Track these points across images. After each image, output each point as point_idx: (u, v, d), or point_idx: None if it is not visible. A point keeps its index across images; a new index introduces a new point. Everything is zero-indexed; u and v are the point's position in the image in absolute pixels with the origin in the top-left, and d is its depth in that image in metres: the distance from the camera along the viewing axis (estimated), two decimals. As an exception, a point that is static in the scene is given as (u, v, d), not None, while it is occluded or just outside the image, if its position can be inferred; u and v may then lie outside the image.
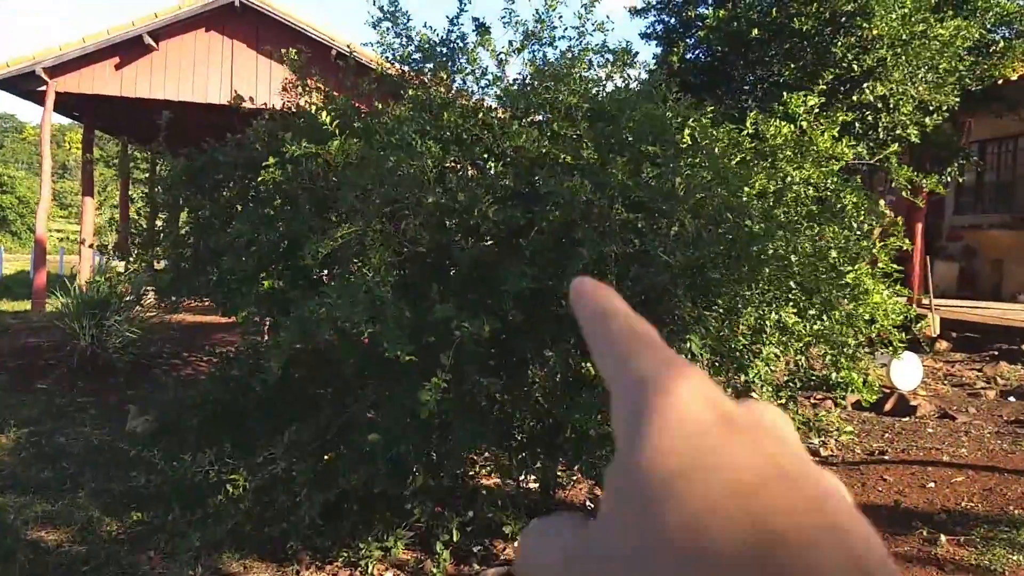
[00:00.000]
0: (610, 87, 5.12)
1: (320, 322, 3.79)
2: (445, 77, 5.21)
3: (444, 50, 5.26)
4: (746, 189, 4.41)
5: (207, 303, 6.30)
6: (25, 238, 49.74)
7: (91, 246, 8.11)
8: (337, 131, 4.59)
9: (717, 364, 4.21)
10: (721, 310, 4.26)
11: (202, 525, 4.76)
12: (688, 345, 3.77)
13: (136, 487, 5.41)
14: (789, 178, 4.91)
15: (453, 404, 4.04)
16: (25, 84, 14.44)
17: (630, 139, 4.34)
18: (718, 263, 3.88)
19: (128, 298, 9.11)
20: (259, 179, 4.64)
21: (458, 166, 4.93)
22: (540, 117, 5.05)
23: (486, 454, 5.13)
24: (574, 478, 5.70)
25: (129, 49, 14.33)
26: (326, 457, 4.48)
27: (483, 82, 5.01)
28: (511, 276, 3.81)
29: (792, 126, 5.11)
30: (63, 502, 5.25)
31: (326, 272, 5.41)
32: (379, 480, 4.24)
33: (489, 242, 4.19)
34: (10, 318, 15.86)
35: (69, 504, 5.22)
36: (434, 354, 3.75)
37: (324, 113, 4.67)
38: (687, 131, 4.65)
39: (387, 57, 5.58)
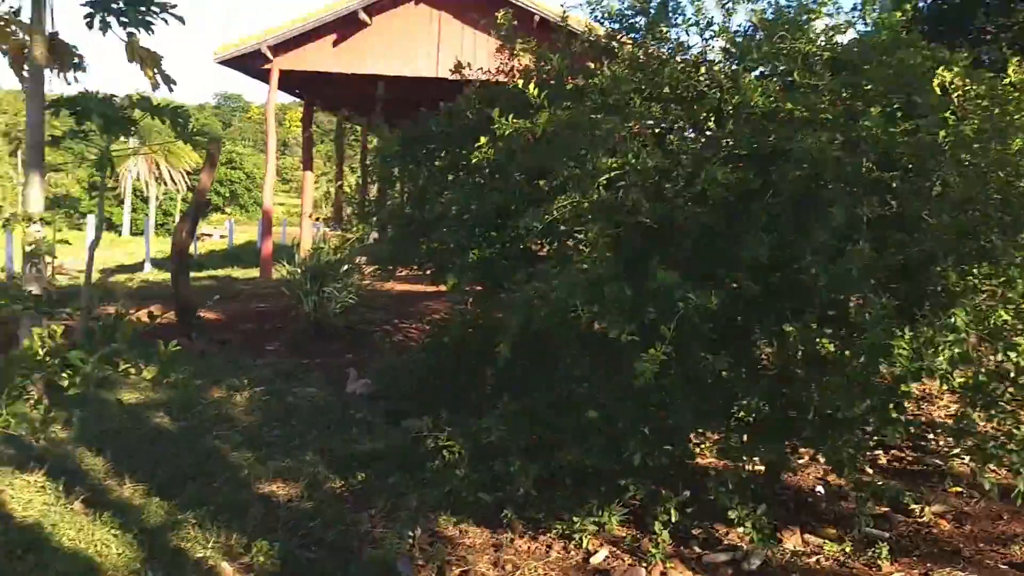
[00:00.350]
0: (851, 35, 4.63)
1: (541, 306, 3.69)
2: (664, 31, 4.92)
3: (662, 2, 4.96)
4: (1013, 144, 3.83)
5: (414, 271, 6.43)
6: (252, 211, 54.28)
7: (316, 219, 8.53)
8: (545, 102, 4.45)
9: (981, 343, 3.70)
10: (986, 280, 3.74)
11: (420, 488, 4.86)
12: (953, 320, 3.31)
13: (357, 449, 5.61)
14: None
15: (675, 381, 3.82)
16: (253, 63, 15.48)
17: (880, 90, 3.87)
18: (992, 228, 3.38)
19: (346, 267, 9.54)
20: (472, 155, 4.61)
21: (677, 127, 4.64)
22: (766, 70, 4.65)
23: (707, 433, 4.87)
24: (800, 460, 5.31)
25: (345, 25, 15.00)
26: (539, 430, 4.41)
27: (707, 33, 4.67)
28: (746, 243, 3.51)
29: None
30: (292, 459, 5.54)
31: (540, 242, 5.31)
32: (593, 456, 4.11)
33: (711, 208, 3.89)
34: (241, 284, 17.26)
35: (298, 461, 5.49)
36: (656, 330, 3.54)
37: (531, 86, 4.55)
38: (936, 80, 4.10)
39: (595, 16, 5.37)
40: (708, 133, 4.26)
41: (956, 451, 5.37)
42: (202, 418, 6.40)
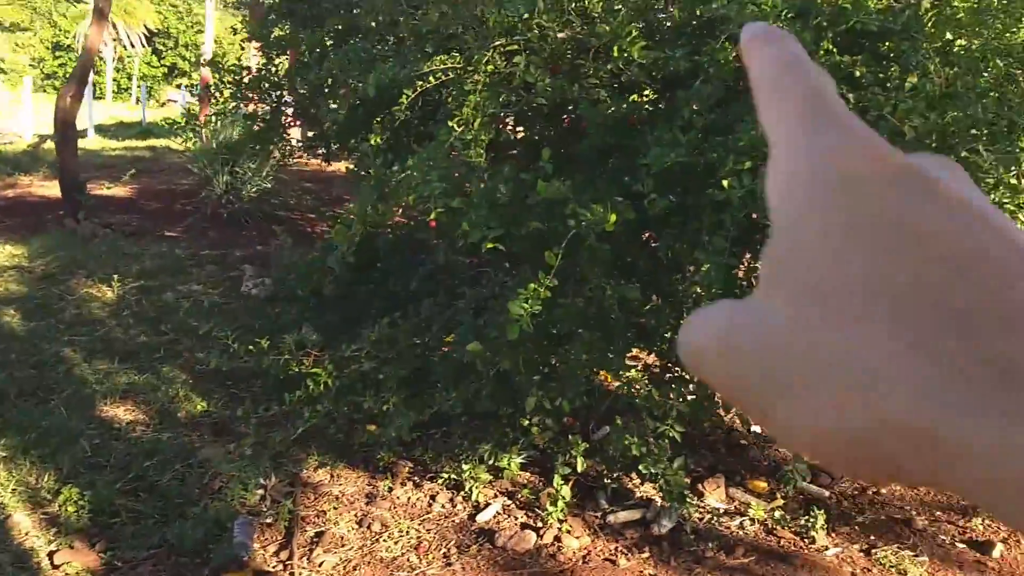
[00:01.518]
0: None
1: (396, 194, 3.05)
2: None
3: None
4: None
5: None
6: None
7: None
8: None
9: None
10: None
11: (283, 422, 4.31)
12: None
13: (230, 365, 5.04)
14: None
15: (570, 313, 3.22)
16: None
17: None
18: (978, 133, 2.73)
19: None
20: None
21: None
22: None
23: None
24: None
25: None
26: (419, 361, 3.83)
27: None
28: (655, 146, 2.85)
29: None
30: (151, 374, 4.97)
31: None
32: (482, 400, 3.55)
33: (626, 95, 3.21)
34: (176, 155, 16.39)
35: (157, 377, 4.93)
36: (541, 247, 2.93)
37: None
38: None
39: None
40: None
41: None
42: (60, 319, 5.79)
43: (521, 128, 3.78)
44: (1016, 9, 3.04)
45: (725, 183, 2.57)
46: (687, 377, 4.01)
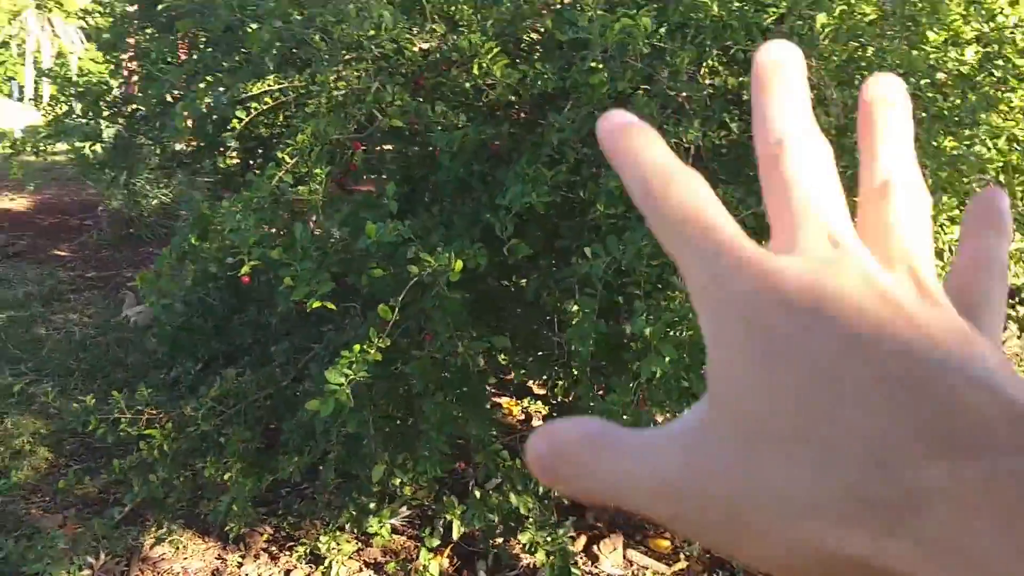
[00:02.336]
0: None
1: (207, 249, 2.53)
2: None
3: None
4: (931, 36, 2.70)
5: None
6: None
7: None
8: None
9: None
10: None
11: (123, 481, 3.74)
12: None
13: (81, 416, 4.44)
14: (1001, 17, 3.03)
15: (424, 368, 2.72)
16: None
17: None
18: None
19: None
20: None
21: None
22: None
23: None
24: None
25: None
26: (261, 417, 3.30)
27: None
28: (515, 183, 2.36)
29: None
30: (-2, 424, 4.35)
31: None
32: (328, 467, 3.04)
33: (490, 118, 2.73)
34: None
35: (1, 428, 4.31)
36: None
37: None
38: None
39: None
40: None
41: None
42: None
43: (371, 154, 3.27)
44: (922, 14, 2.59)
45: (588, 251, 2.10)
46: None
